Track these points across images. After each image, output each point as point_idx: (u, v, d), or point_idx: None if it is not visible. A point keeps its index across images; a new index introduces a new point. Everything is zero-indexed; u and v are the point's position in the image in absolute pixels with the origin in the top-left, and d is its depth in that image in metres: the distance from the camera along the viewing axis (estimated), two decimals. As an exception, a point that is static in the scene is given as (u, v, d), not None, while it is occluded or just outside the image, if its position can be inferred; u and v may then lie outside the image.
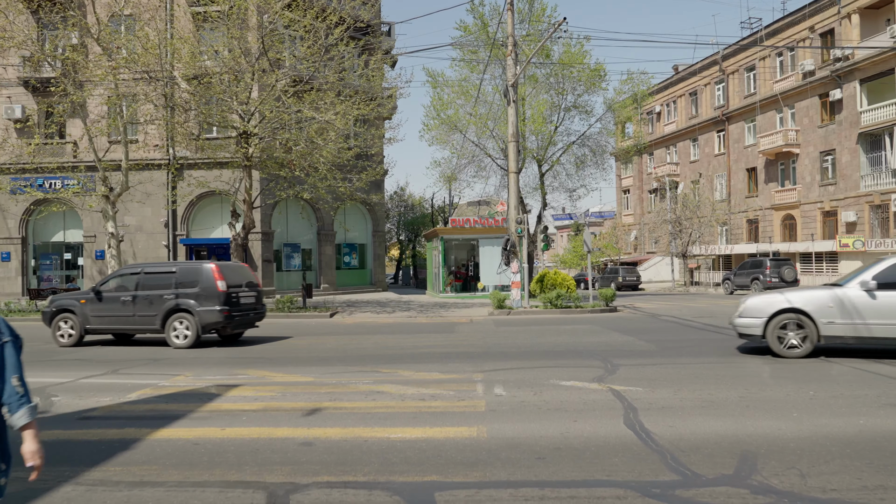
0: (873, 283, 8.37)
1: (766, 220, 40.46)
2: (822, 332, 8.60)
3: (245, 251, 27.10)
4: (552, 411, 6.10)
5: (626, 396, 6.64)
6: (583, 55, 28.31)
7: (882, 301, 8.32)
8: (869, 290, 8.40)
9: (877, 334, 8.40)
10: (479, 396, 6.86)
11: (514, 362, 9.17)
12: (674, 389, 6.94)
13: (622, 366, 8.59)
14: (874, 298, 8.36)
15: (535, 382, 7.53)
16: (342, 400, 6.84)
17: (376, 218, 31.89)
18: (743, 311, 9.20)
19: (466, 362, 9.26)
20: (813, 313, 8.62)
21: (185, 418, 6.19)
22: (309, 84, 19.21)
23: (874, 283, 8.37)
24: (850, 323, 8.46)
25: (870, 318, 8.37)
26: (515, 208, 19.55)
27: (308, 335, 13.91)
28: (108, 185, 20.53)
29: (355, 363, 9.47)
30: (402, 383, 7.68)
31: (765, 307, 8.92)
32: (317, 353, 10.82)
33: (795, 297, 8.82)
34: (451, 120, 27.80)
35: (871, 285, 8.38)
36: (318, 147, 18.77)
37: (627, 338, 11.95)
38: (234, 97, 17.87)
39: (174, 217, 27.27)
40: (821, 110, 36.48)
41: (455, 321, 16.78)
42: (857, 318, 8.41)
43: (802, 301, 8.73)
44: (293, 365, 9.45)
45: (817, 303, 8.63)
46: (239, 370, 8.99)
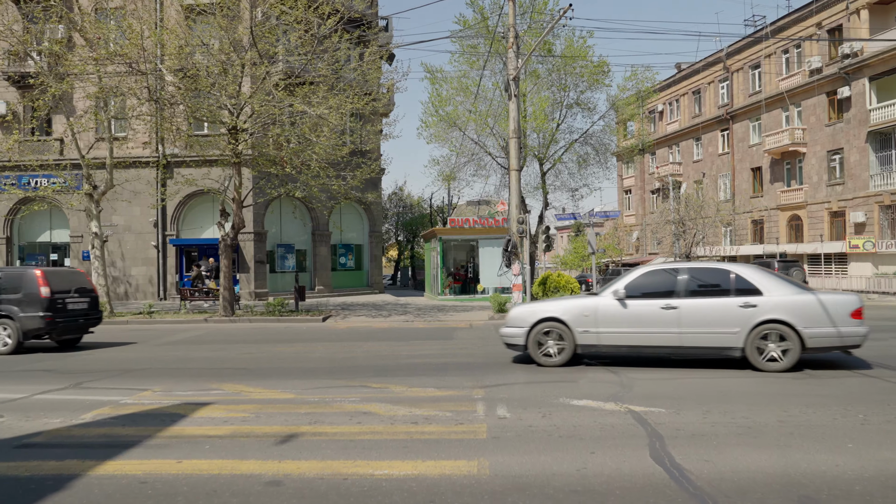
0: (624, 292, 8.54)
1: (772, 220, 39.63)
2: (577, 341, 8.70)
3: (237, 251, 26.32)
4: (565, 439, 5.26)
5: (649, 420, 5.79)
6: (585, 50, 27.51)
7: (632, 310, 8.50)
8: (620, 299, 8.54)
9: (627, 342, 8.56)
10: (480, 419, 6.01)
11: (518, 375, 8.33)
12: (702, 411, 6.09)
13: (638, 380, 7.75)
14: (625, 307, 8.52)
15: (542, 401, 6.68)
16: (323, 423, 5.99)
17: (373, 218, 31.03)
18: (508, 321, 9.23)
19: (465, 375, 8.41)
20: (570, 322, 8.71)
21: (140, 446, 5.34)
22: (301, 78, 18.37)
23: (624, 293, 8.53)
24: (604, 331, 8.60)
25: (621, 327, 8.52)
26: (517, 207, 18.71)
27: (297, 341, 13.06)
28: (92, 183, 19.70)
29: (343, 376, 8.62)
30: (393, 402, 6.83)
31: (527, 316, 8.96)
32: (303, 363, 9.97)
33: (554, 307, 8.93)
34: (451, 117, 26.96)
35: (622, 294, 8.54)
36: (311, 144, 17.93)
37: (639, 346, 11.10)
38: (222, 90, 17.02)
39: (164, 216, 26.41)
40: (828, 108, 35.65)
41: (454, 326, 15.93)
42: (609, 326, 8.57)
43: (561, 310, 8.82)
44: (275, 378, 8.60)
45: (574, 312, 8.75)
46: (214, 384, 8.14)
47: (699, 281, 8.49)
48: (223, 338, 14.03)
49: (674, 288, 8.47)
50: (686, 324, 8.26)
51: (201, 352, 11.54)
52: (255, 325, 17.27)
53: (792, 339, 7.97)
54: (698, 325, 8.25)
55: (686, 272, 8.63)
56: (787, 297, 8.09)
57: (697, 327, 8.25)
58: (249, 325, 17.26)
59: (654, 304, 8.41)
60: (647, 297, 8.50)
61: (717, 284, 8.43)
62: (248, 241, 26.23)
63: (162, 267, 26.19)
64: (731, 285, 8.33)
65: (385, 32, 30.01)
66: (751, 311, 8.07)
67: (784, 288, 8.22)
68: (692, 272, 8.64)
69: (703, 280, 8.52)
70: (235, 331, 15.67)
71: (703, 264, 9.14)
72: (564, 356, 8.72)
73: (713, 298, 8.32)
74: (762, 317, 8.02)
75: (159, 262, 26.08)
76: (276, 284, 27.63)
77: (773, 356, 8.04)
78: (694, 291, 8.40)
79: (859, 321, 8.05)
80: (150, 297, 25.90)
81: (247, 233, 26.16)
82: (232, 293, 18.70)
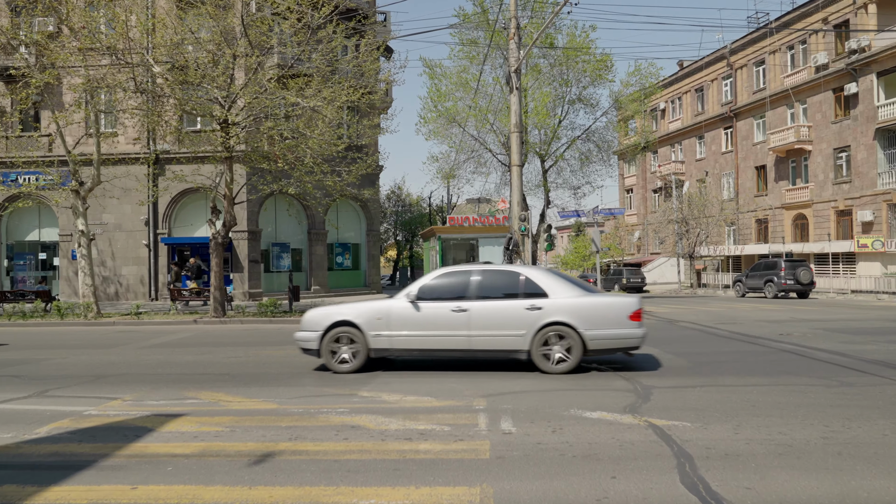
0: (416, 294, 8.40)
1: (777, 219, 38.98)
2: (371, 345, 8.46)
3: (230, 250, 25.63)
4: (580, 460, 4.58)
5: (674, 436, 5.11)
6: (588, 45, 26.87)
7: (425, 313, 8.33)
8: (413, 301, 8.40)
9: (419, 346, 8.39)
10: (482, 434, 5.33)
11: (522, 381, 7.64)
12: (732, 426, 5.41)
13: (655, 388, 7.07)
14: (418, 310, 8.36)
15: (551, 412, 6.00)
16: (305, 439, 5.31)
17: (370, 216, 30.34)
18: (302, 325, 8.88)
19: (466, 381, 7.74)
20: (363, 326, 8.48)
21: (93, 468, 4.66)
22: (294, 70, 17.70)
23: (417, 295, 8.39)
24: (396, 335, 8.39)
25: (413, 330, 8.34)
26: (518, 204, 18.04)
27: (287, 344, 12.34)
28: (79, 180, 19.02)
29: (333, 382, 7.94)
30: (385, 413, 6.15)
31: (321, 320, 8.69)
32: (291, 367, 9.28)
33: (348, 310, 8.70)
34: (450, 112, 26.33)
35: (415, 297, 8.40)
36: (305, 138, 17.25)
37: (649, 349, 10.42)
38: (212, 82, 16.34)
39: (155, 215, 25.72)
40: (834, 105, 35.00)
41: (453, 327, 15.23)
42: (402, 329, 8.37)
43: (354, 314, 8.59)
44: (258, 384, 7.92)
45: (367, 315, 8.53)
46: (191, 392, 7.45)
47: (490, 283, 8.44)
48: (211, 340, 13.35)
49: (466, 290, 8.38)
50: (476, 326, 8.17)
51: (185, 355, 10.85)
52: (247, 326, 16.59)
53: (575, 341, 7.98)
54: (487, 328, 8.18)
55: (478, 274, 8.56)
56: (571, 300, 8.13)
57: (486, 330, 8.18)
58: (240, 326, 16.58)
59: (446, 306, 8.29)
60: (440, 300, 8.36)
61: (507, 287, 8.40)
62: (242, 240, 25.54)
63: (153, 266, 25.51)
64: (520, 288, 8.31)
65: (383, 27, 29.33)
66: (537, 313, 8.06)
67: (569, 290, 8.24)
68: (484, 274, 8.57)
69: (494, 282, 8.47)
70: (225, 332, 14.99)
71: (495, 266, 8.96)
72: (358, 361, 8.46)
73: (502, 301, 8.28)
74: (547, 319, 8.02)
75: (150, 261, 25.39)
76: (271, 284, 26.95)
77: (557, 358, 8.01)
78: (485, 294, 8.33)
79: (637, 323, 8.09)
80: (141, 297, 25.22)
81: (240, 231, 25.48)
82: (223, 293, 18.02)
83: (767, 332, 12.80)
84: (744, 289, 30.81)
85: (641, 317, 8.20)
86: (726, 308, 21.52)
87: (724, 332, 13.22)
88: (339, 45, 17.38)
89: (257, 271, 25.97)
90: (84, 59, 17.19)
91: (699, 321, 16.03)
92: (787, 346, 10.47)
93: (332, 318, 8.60)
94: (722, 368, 8.38)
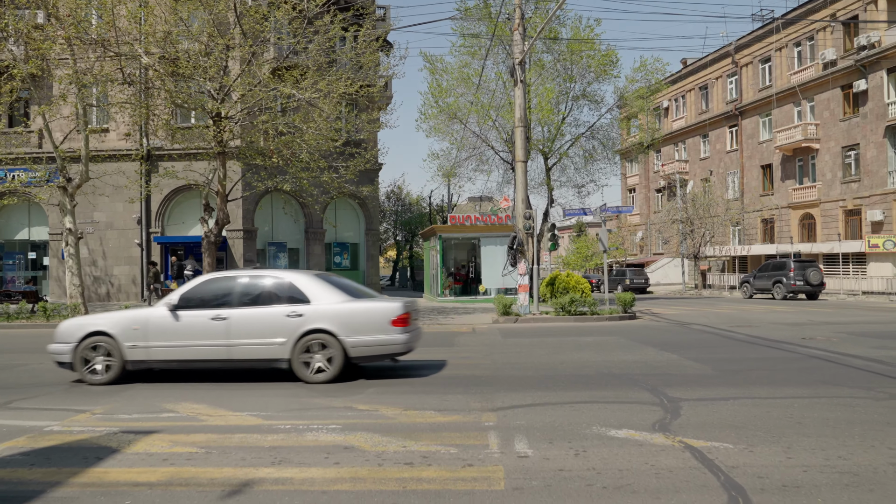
0: (176, 302, 7.97)
1: (783, 219, 38.29)
2: (126, 357, 7.94)
3: (225, 250, 24.94)
4: (611, 492, 3.88)
5: (717, 462, 4.41)
6: (592, 39, 26.17)
7: (184, 322, 7.89)
8: (173, 310, 7.95)
9: (177, 356, 7.92)
10: (495, 458, 4.63)
11: (534, 393, 6.94)
12: (781, 448, 4.71)
13: (684, 401, 6.37)
14: (177, 319, 7.91)
15: (571, 431, 5.30)
16: (290, 463, 4.61)
17: (370, 215, 29.63)
18: (55, 336, 8.28)
19: (472, 392, 7.04)
20: (118, 336, 7.96)
21: (38, 500, 3.96)
22: (290, 61, 17.02)
23: (177, 303, 7.97)
24: (154, 345, 7.91)
25: (171, 340, 7.89)
26: (523, 202, 17.34)
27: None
28: (66, 176, 18.32)
29: (327, 392, 7.24)
30: (383, 430, 5.45)
31: (74, 331, 8.11)
32: (283, 374, 8.57)
33: (103, 320, 8.18)
34: (451, 108, 25.60)
35: (174, 305, 7.97)
36: (300, 132, 16.57)
37: (668, 355, 9.73)
38: (203, 74, 15.64)
39: (148, 213, 25.03)
40: (843, 103, 34.32)
41: (455, 330, 14.55)
42: (159, 340, 7.90)
43: (109, 323, 8.06)
44: (244, 394, 7.22)
45: (123, 325, 8.02)
46: (171, 403, 6.75)
47: (254, 290, 8.10)
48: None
49: (228, 297, 8.02)
50: (235, 335, 7.79)
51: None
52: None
53: (336, 349, 7.69)
54: (247, 337, 7.80)
55: (243, 280, 8.21)
56: (334, 306, 7.85)
57: (246, 339, 7.80)
58: (233, 328, 15.86)
59: (205, 314, 7.88)
60: (200, 308, 7.94)
61: (271, 293, 8.03)
62: (238, 239, 24.85)
63: (146, 266, 24.78)
64: (284, 294, 7.99)
65: (382, 22, 28.63)
66: (298, 320, 7.75)
67: (335, 296, 7.98)
68: (249, 280, 8.21)
69: (259, 289, 8.10)
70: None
71: (260, 271, 8.47)
72: (112, 374, 7.95)
73: (264, 308, 7.92)
74: (308, 326, 7.71)
75: (143, 260, 24.69)
76: (268, 285, 26.21)
77: (318, 367, 7.70)
78: (248, 301, 7.99)
79: (401, 328, 7.83)
80: (133, 297, 24.52)
81: (235, 230, 24.80)
82: (215, 294, 17.29)
83: (788, 336, 12.11)
84: (751, 290, 30.12)
85: (409, 322, 7.93)
86: (736, 310, 20.83)
87: (741, 335, 12.52)
88: (336, 36, 16.69)
89: (253, 271, 25.23)
90: (71, 49, 16.50)
91: (712, 324, 15.33)
92: (815, 352, 9.77)
93: (87, 328, 8.07)
94: (752, 377, 7.67)
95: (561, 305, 16.27)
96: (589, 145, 28.43)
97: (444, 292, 25.48)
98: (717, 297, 33.90)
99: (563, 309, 16.29)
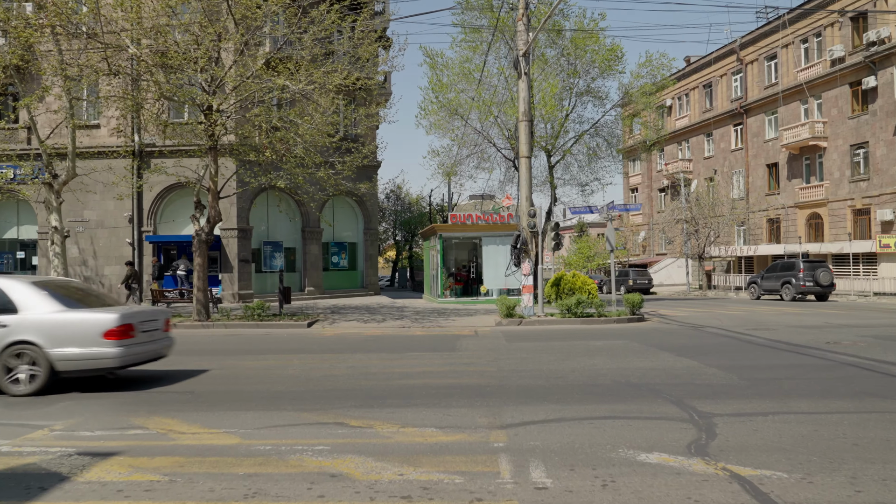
0: None
1: (790, 219, 37.58)
2: None
3: (220, 249, 24.23)
4: (654, 539, 3.17)
5: (772, 495, 3.70)
6: (597, 34, 25.48)
7: None
8: None
9: None
10: (507, 489, 3.92)
11: (547, 406, 6.23)
12: (846, 478, 4.00)
13: (717, 417, 5.65)
14: None
15: (594, 454, 4.59)
16: (267, 495, 3.90)
17: (368, 214, 28.92)
18: None
19: (477, 405, 6.33)
20: None
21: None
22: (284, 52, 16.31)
23: None
24: None
25: None
26: (527, 199, 16.63)
27: (271, 353, 10.96)
28: (52, 172, 17.61)
29: (315, 405, 6.53)
30: (377, 453, 4.74)
31: None
32: (268, 384, 7.87)
33: None
34: (452, 104, 24.92)
35: None
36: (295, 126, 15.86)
37: (687, 361, 9.02)
38: (193, 64, 14.92)
39: (140, 211, 24.31)
40: (851, 100, 33.60)
41: (457, 333, 13.84)
42: None
43: None
44: (224, 407, 6.50)
45: None
46: (140, 418, 6.04)
47: None
48: (187, 348, 11.92)
49: None
50: None
51: (146, 367, 9.42)
52: (230, 331, 15.18)
53: (43, 362, 7.24)
54: None
55: None
56: (43, 316, 7.39)
57: None
58: (223, 331, 15.17)
59: None
60: None
61: None
62: (232, 238, 24.13)
63: (138, 266, 24.05)
64: None
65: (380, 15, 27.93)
66: (1, 331, 7.29)
67: (49, 305, 7.49)
68: None
69: None
70: (205, 339, 13.58)
71: None
72: None
73: None
74: (12, 338, 7.27)
75: (135, 260, 23.94)
76: (264, 285, 25.53)
77: (21, 378, 7.22)
78: None
79: (115, 342, 7.34)
80: (124, 298, 23.77)
81: (230, 229, 24.09)
82: (206, 295, 16.60)
83: (810, 341, 11.40)
84: (759, 291, 29.40)
85: (128, 334, 7.46)
86: (747, 311, 20.12)
87: (761, 339, 11.81)
88: (332, 26, 15.98)
89: (248, 271, 24.55)
90: (55, 39, 15.80)
91: (726, 326, 14.62)
92: (846, 359, 9.06)
93: None
94: (785, 388, 6.96)
95: (567, 307, 15.56)
96: (593, 143, 27.77)
97: (445, 293, 24.77)
98: (724, 298, 33.18)
99: (570, 311, 15.58)
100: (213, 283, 23.98)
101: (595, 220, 73.66)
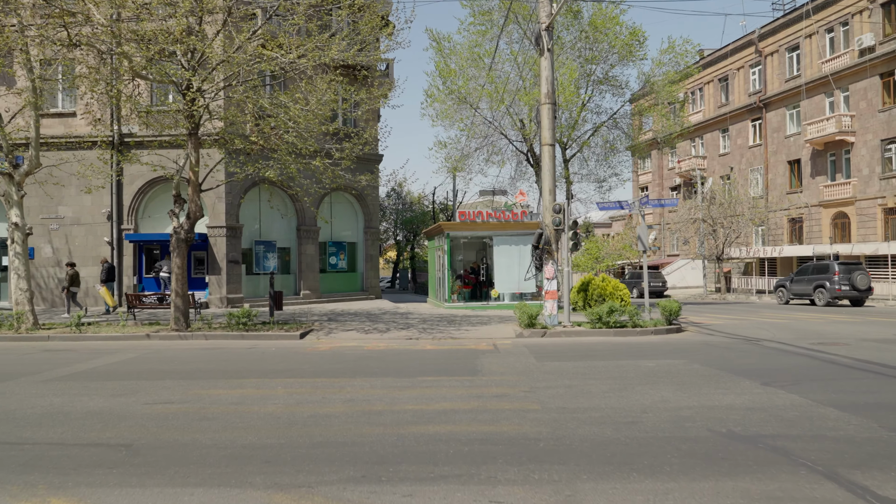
0: None
1: (813, 218, 35.60)
2: None
3: (206, 249, 22.20)
4: None
5: None
6: (616, 16, 23.52)
7: None
8: None
9: None
10: None
11: (642, 484, 4.21)
12: None
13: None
14: None
15: None
16: None
17: (368, 211, 26.91)
18: None
19: (535, 478, 4.30)
20: None
21: None
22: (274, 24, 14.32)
23: None
24: None
25: None
26: (550, 192, 14.64)
27: (251, 376, 8.94)
28: (13, 162, 15.61)
29: (297, 475, 4.51)
30: None
31: None
32: (236, 430, 5.83)
33: None
34: (460, 91, 22.93)
35: None
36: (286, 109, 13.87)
37: (787, 396, 6.98)
38: (168, 36, 12.90)
39: (119, 208, 22.29)
40: (882, 92, 31.65)
41: (473, 348, 11.83)
42: None
43: None
44: (162, 477, 4.47)
45: None
46: (39, 493, 4.01)
47: None
48: (152, 366, 9.94)
49: None
50: None
51: (93, 398, 7.40)
52: (211, 342, 13.16)
53: None
54: None
55: None
56: None
57: None
58: (203, 343, 13.14)
59: None
60: None
61: None
62: (220, 237, 22.12)
63: (117, 267, 22.03)
64: None
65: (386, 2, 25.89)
66: None
67: None
68: None
69: None
70: (179, 353, 11.56)
71: None
72: None
73: None
74: None
75: (113, 261, 21.93)
76: (256, 288, 23.52)
77: None
78: None
79: None
80: (100, 302, 21.74)
81: (218, 227, 22.09)
82: (186, 301, 14.58)
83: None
84: (787, 295, 27.41)
85: None
86: (786, 319, 18.12)
87: (844, 359, 9.80)
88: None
89: (237, 273, 22.52)
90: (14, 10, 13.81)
91: (783, 339, 12.61)
92: None
93: None
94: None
95: (598, 316, 13.54)
96: (611, 135, 25.83)
97: (452, 297, 22.75)
98: (746, 301, 31.19)
99: (601, 320, 13.56)
100: (199, 286, 21.98)
101: (600, 220, 71.61)
